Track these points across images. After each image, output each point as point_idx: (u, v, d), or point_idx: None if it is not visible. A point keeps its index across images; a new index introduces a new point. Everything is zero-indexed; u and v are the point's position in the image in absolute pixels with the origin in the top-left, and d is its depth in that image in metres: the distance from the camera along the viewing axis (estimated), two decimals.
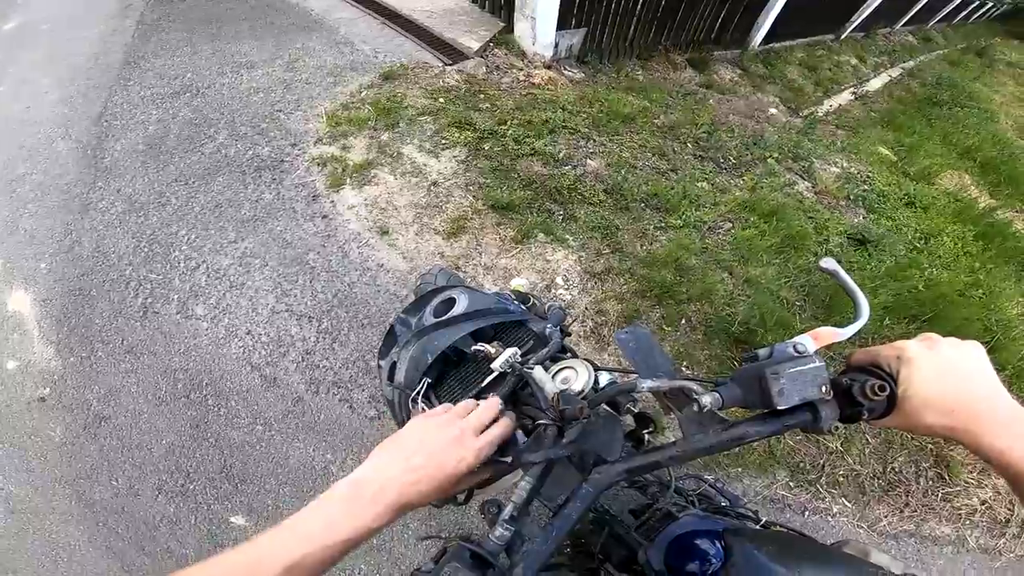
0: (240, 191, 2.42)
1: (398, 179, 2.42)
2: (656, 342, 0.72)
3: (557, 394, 0.57)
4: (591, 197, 2.42)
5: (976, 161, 4.31)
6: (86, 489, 1.66)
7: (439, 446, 0.51)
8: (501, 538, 0.48)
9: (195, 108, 2.93)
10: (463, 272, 2.06)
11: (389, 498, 0.47)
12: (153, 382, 1.83)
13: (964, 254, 3.13)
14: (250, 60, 3.35)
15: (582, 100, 3.08)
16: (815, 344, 0.52)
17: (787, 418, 0.47)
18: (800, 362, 0.47)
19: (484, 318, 0.76)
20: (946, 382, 0.46)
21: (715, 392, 0.49)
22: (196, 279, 2.09)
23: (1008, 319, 2.64)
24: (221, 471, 1.70)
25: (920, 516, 1.86)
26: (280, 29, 3.70)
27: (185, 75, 3.20)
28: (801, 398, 0.46)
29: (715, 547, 0.67)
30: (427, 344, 0.73)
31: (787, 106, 4.21)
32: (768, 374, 0.46)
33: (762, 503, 1.80)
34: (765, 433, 0.48)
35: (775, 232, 2.56)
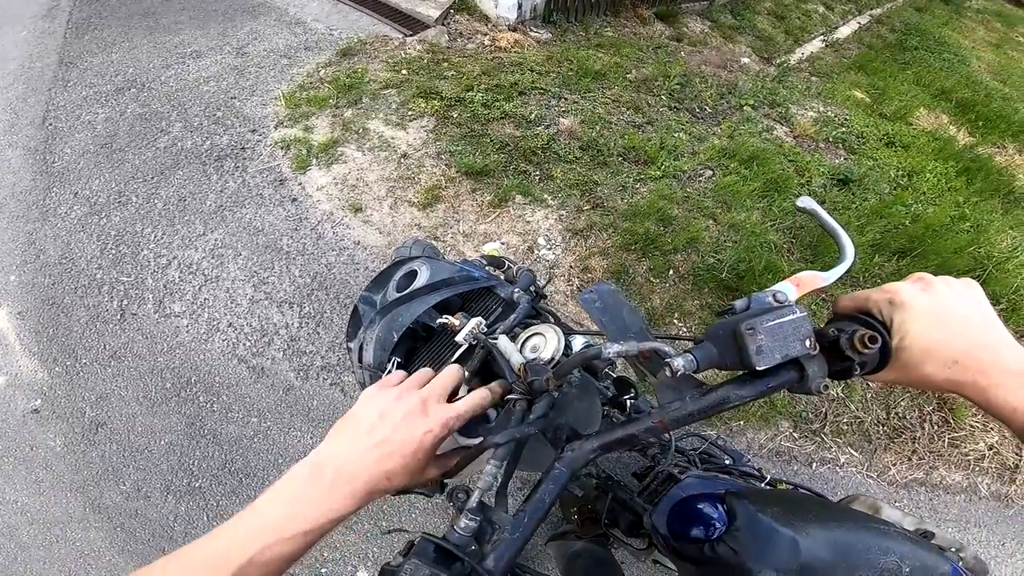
0: (203, 183, 2.39)
1: (366, 155, 2.41)
2: (625, 300, 0.67)
3: (524, 364, 0.53)
4: (567, 155, 2.44)
5: (952, 101, 4.40)
6: (96, 495, 1.69)
7: (400, 418, 0.47)
8: (467, 529, 0.44)
9: (143, 103, 2.88)
10: (442, 242, 2.08)
11: (352, 482, 0.43)
12: (142, 384, 1.84)
13: (948, 190, 3.20)
14: (195, 50, 3.29)
15: (551, 60, 3.09)
16: (797, 291, 0.50)
17: (770, 378, 0.44)
18: (779, 313, 0.43)
19: (448, 288, 0.73)
20: (946, 329, 0.42)
21: (688, 354, 0.44)
22: (169, 276, 2.08)
23: (998, 251, 2.71)
24: (224, 466, 1.72)
25: (929, 463, 1.89)
26: (224, 15, 3.63)
27: (127, 71, 3.12)
28: (783, 355, 0.42)
29: (718, 511, 0.66)
30: (391, 322, 0.70)
31: (759, 55, 4.26)
32: (744, 330, 0.42)
33: (768, 456, 1.83)
34: (747, 397, 0.45)
35: (757, 177, 2.61)
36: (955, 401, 2.02)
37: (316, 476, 0.43)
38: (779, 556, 0.55)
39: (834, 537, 0.56)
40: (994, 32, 7.46)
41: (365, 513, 1.62)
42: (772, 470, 1.78)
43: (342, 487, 0.42)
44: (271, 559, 0.39)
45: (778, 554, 0.55)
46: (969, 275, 2.36)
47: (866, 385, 2.01)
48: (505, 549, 0.43)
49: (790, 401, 1.92)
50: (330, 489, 0.42)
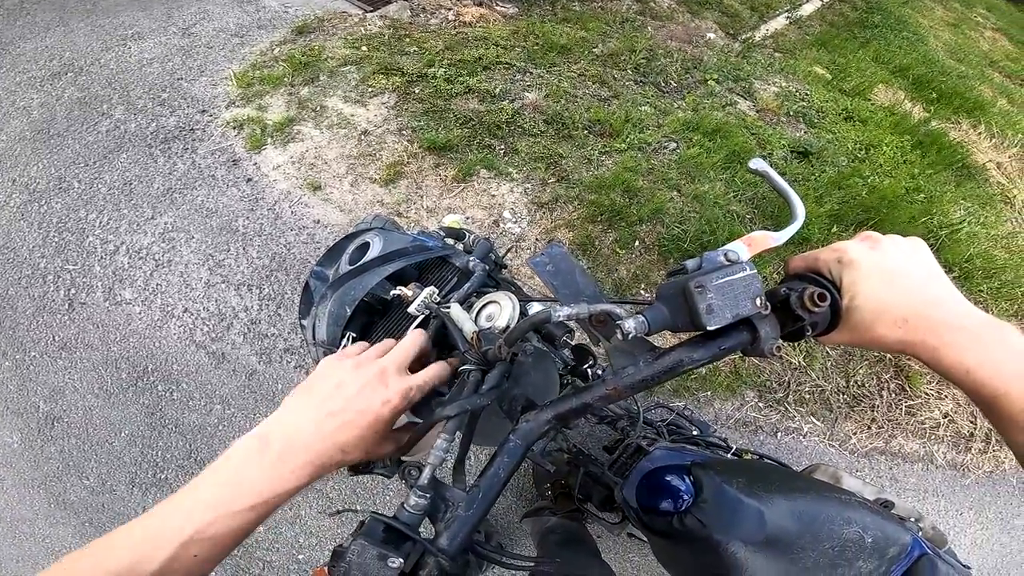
0: (149, 165, 2.31)
1: (324, 132, 2.36)
2: (576, 263, 0.66)
3: (476, 333, 0.52)
4: (532, 129, 2.45)
5: (909, 79, 4.59)
6: (60, 491, 1.66)
7: (357, 388, 0.45)
8: (417, 507, 0.43)
9: (81, 87, 2.76)
10: (405, 218, 2.06)
11: (302, 455, 0.41)
12: (96, 375, 1.79)
13: (904, 162, 3.33)
14: (137, 31, 3.15)
15: (516, 35, 3.08)
16: (749, 251, 0.49)
17: (722, 340, 0.44)
18: (729, 271, 0.42)
19: (402, 259, 0.71)
20: (895, 287, 0.42)
21: (640, 316, 0.43)
22: (118, 262, 2.01)
23: (951, 221, 2.85)
24: (189, 456, 1.70)
25: (888, 432, 1.97)
26: None
27: (63, 55, 2.98)
28: (734, 314, 0.41)
29: (685, 482, 0.68)
30: (343, 296, 0.69)
31: (725, 31, 4.34)
32: (693, 288, 0.41)
33: (735, 427, 1.88)
34: (701, 360, 0.45)
35: (719, 149, 2.67)
36: (911, 368, 2.10)
37: (263, 448, 0.41)
38: (746, 528, 0.57)
39: (798, 508, 0.57)
40: (952, 12, 7.77)
41: (340, 497, 1.62)
42: (740, 441, 1.85)
43: (291, 460, 0.41)
44: (217, 534, 0.37)
45: (745, 525, 0.57)
46: None
47: (826, 353, 2.08)
48: (460, 527, 0.42)
49: (755, 370, 1.98)
50: (278, 462, 0.40)
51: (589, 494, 1.09)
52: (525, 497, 1.68)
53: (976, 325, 0.39)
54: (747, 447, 1.34)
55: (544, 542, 1.33)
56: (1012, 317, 2.41)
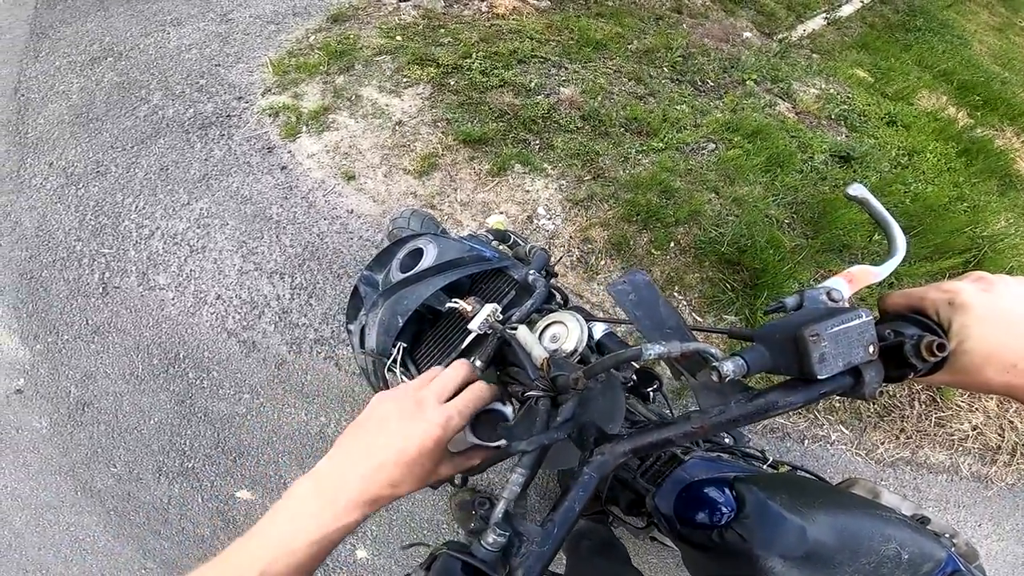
0: (186, 151, 2.33)
1: (359, 122, 2.34)
2: (659, 291, 0.63)
3: (546, 359, 0.51)
4: (568, 125, 2.40)
5: (953, 84, 4.42)
6: (87, 478, 1.66)
7: (398, 424, 0.47)
8: (495, 545, 0.42)
9: (120, 72, 2.79)
10: (439, 211, 2.03)
11: (352, 494, 0.43)
12: (128, 361, 1.79)
13: (947, 170, 3.21)
14: (176, 17, 3.18)
15: (550, 28, 3.02)
16: (850, 288, 0.47)
17: (824, 385, 0.41)
18: (844, 318, 0.40)
19: (457, 269, 0.68)
20: (1007, 332, 0.41)
21: (739, 357, 0.42)
22: (152, 247, 2.02)
23: (994, 231, 2.74)
24: (216, 446, 1.69)
25: (915, 442, 1.91)
26: None
27: (103, 39, 3.02)
28: (846, 363, 0.39)
29: (725, 496, 0.67)
30: (396, 305, 0.66)
31: (760, 30, 4.22)
32: (807, 336, 0.39)
33: (762, 433, 1.83)
34: (798, 403, 0.43)
35: (760, 152, 2.59)
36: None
37: (317, 489, 0.44)
38: (787, 543, 0.55)
39: (839, 523, 0.56)
40: (997, 16, 7.48)
41: None
42: (767, 448, 1.78)
43: (342, 499, 0.43)
44: (280, 571, 0.40)
45: (786, 541, 0.55)
46: (965, 255, 2.35)
47: None
48: (535, 562, 0.41)
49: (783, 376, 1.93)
50: (331, 503, 0.43)
51: (616, 497, 1.07)
52: (549, 498, 1.65)
53: None
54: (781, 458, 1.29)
55: (576, 548, 1.31)
56: None
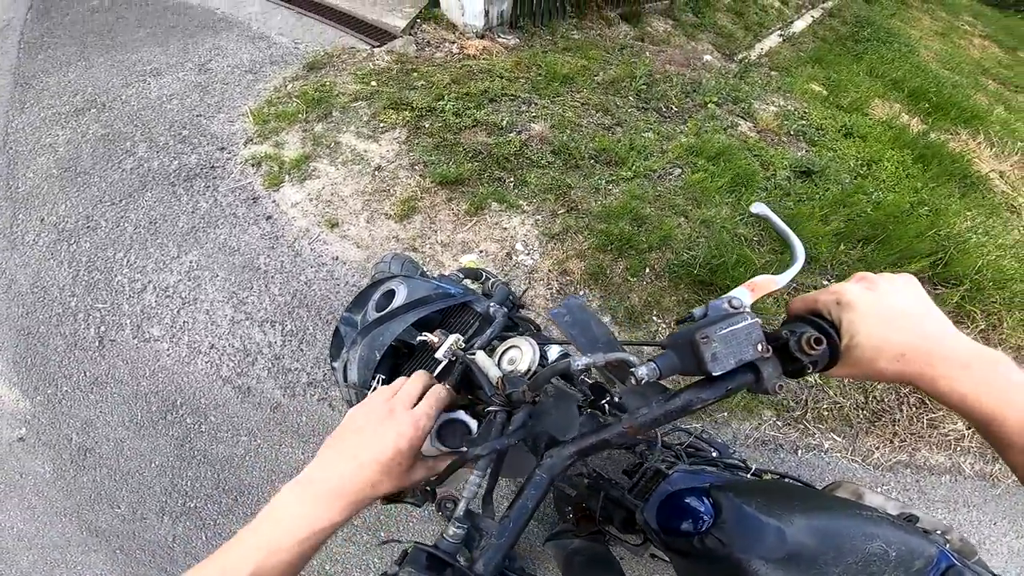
0: (173, 204, 2.38)
1: (339, 169, 2.43)
2: (592, 313, 0.72)
3: (501, 378, 0.57)
4: (540, 160, 2.50)
5: (904, 91, 4.60)
6: (92, 519, 1.69)
7: (371, 429, 0.52)
8: (456, 536, 0.48)
9: (105, 123, 2.85)
10: (421, 253, 2.11)
11: (336, 494, 0.47)
12: (127, 409, 1.84)
13: (906, 176, 3.32)
14: (155, 67, 3.26)
15: (519, 66, 3.14)
16: (752, 296, 0.52)
17: (728, 381, 0.47)
18: (732, 321, 0.45)
19: (426, 306, 0.76)
20: (891, 325, 0.45)
21: (651, 363, 0.47)
22: (145, 301, 2.07)
23: (957, 233, 2.81)
24: (217, 486, 1.73)
25: (911, 445, 1.94)
26: (184, 32, 3.60)
27: (85, 90, 3.08)
28: (737, 361, 0.45)
29: (704, 504, 0.69)
30: (372, 341, 0.73)
31: (721, 52, 4.41)
32: (698, 339, 0.44)
33: (754, 446, 1.88)
34: (709, 399, 0.48)
35: (724, 173, 2.71)
36: None
37: (303, 492, 0.48)
38: (766, 545, 0.57)
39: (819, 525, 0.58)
40: (939, 21, 7.85)
41: (363, 526, 1.65)
42: (760, 460, 1.85)
43: (327, 499, 0.47)
44: (272, 570, 0.43)
45: (765, 543, 0.57)
46: (931, 257, 2.42)
47: None
48: (493, 553, 0.46)
49: None
50: (315, 503, 0.47)
51: (610, 516, 1.10)
52: (546, 522, 1.69)
53: (968, 356, 0.42)
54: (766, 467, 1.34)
55: (569, 564, 1.33)
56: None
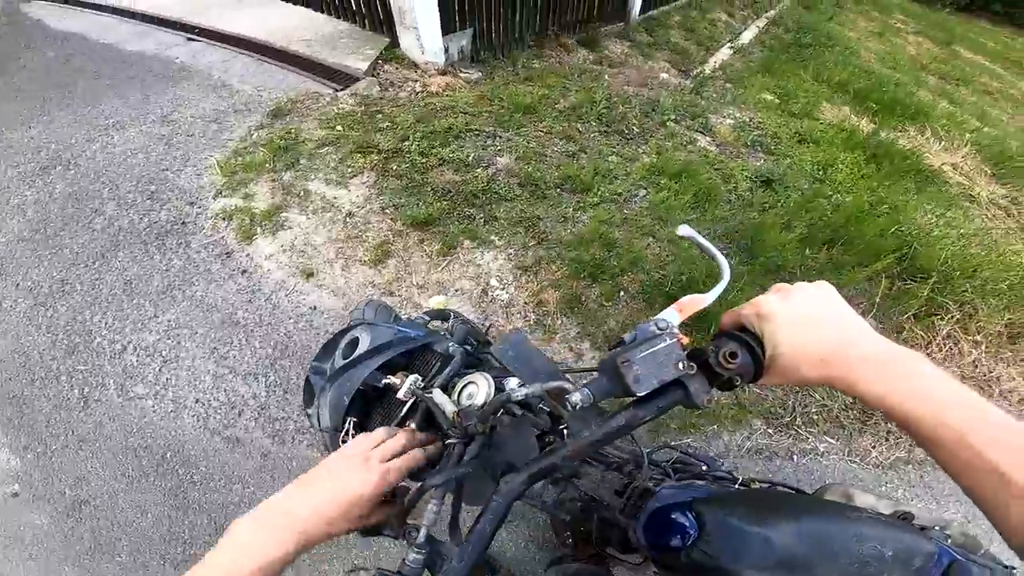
0: (146, 263, 2.38)
1: (311, 218, 2.45)
2: (534, 346, 0.76)
3: (456, 412, 0.60)
4: (507, 194, 2.56)
5: (850, 93, 4.81)
6: (93, 567, 1.68)
7: (342, 472, 0.54)
8: (415, 562, 0.51)
9: (71, 181, 2.83)
10: (397, 297, 2.14)
11: (292, 526, 0.49)
12: (117, 463, 1.85)
13: (861, 177, 3.45)
14: (117, 120, 3.25)
15: (482, 100, 3.23)
16: (681, 316, 0.54)
17: (660, 399, 0.49)
18: (652, 343, 0.48)
19: (388, 351, 0.80)
20: (810, 332, 0.46)
21: (585, 389, 0.50)
22: (126, 360, 2.07)
23: (919, 227, 2.92)
24: (215, 532, 1.73)
25: (908, 441, 1.94)
26: (144, 83, 3.60)
27: (49, 147, 3.07)
28: (659, 380, 0.47)
29: (688, 518, 0.69)
30: (340, 387, 0.77)
31: (677, 69, 4.58)
32: (619, 363, 0.47)
33: (748, 456, 1.90)
34: (643, 417, 0.50)
35: (686, 190, 2.81)
36: None
37: (259, 523, 0.50)
38: (753, 554, 0.58)
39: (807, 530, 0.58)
40: (874, 21, 8.27)
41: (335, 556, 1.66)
42: (757, 470, 1.88)
43: (282, 531, 0.49)
44: None
45: (752, 552, 0.58)
46: (896, 254, 2.51)
47: None
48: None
49: (758, 399, 2.02)
50: (271, 533, 0.48)
51: (608, 538, 1.10)
52: (547, 548, 1.70)
53: (884, 357, 0.44)
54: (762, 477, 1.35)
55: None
56: (1004, 311, 2.47)
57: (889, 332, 2.38)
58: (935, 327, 2.38)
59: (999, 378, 2.29)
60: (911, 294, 2.48)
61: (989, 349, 2.37)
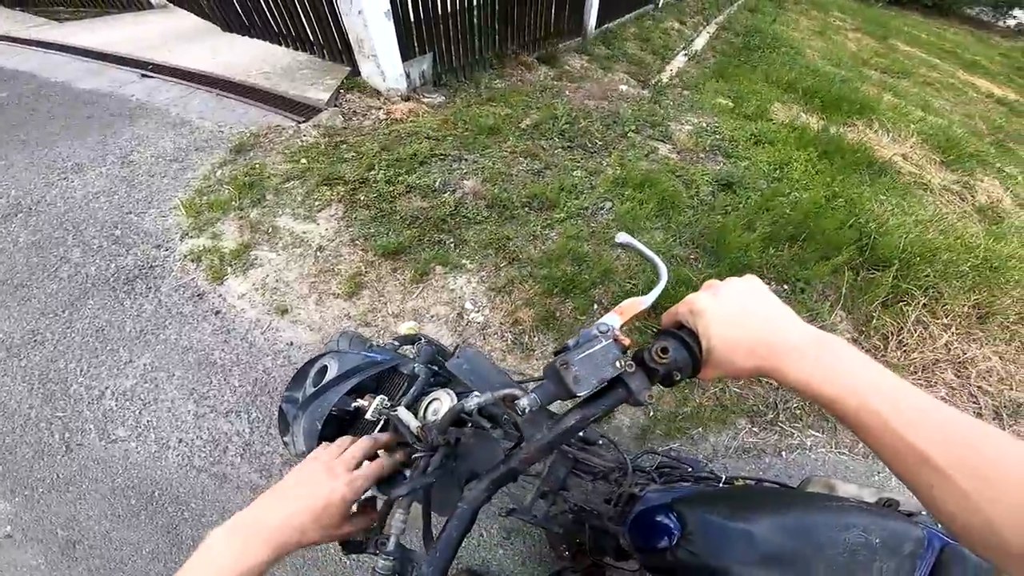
0: (117, 309, 2.35)
1: (281, 254, 2.46)
2: (487, 358, 0.80)
3: (420, 427, 0.63)
4: (476, 216, 2.61)
5: (799, 92, 5.04)
6: None
7: (311, 481, 0.56)
8: (385, 568, 0.53)
9: (34, 229, 2.77)
10: (373, 327, 2.16)
11: (264, 536, 0.51)
12: (107, 504, 1.83)
13: (816, 173, 3.60)
14: (76, 163, 3.21)
15: (446, 124, 3.28)
16: (622, 319, 0.56)
17: (604, 399, 0.52)
18: (588, 345, 0.51)
19: (356, 376, 0.83)
20: (737, 324, 0.48)
21: (532, 394, 0.51)
22: (105, 405, 2.05)
23: (876, 217, 3.06)
24: None
25: None
26: (101, 122, 3.56)
27: (9, 193, 3.00)
28: (598, 380, 0.49)
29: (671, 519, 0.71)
30: (312, 414, 0.80)
31: (635, 80, 4.73)
32: (559, 366, 0.49)
33: (736, 456, 1.94)
34: (591, 416, 0.52)
35: (650, 199, 2.90)
36: (887, 362, 2.22)
37: (233, 534, 0.51)
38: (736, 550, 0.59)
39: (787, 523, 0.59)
40: (814, 20, 8.69)
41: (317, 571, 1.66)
42: (747, 469, 1.91)
43: (255, 541, 0.50)
44: None
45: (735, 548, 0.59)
46: (856, 245, 2.62)
47: None
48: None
49: (739, 399, 2.08)
50: (245, 543, 0.50)
51: (603, 547, 1.13)
52: (546, 563, 1.73)
53: (807, 343, 0.45)
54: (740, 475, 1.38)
55: None
56: (969, 292, 2.57)
57: (859, 322, 2.49)
58: (904, 314, 2.47)
59: (974, 359, 2.38)
60: (876, 283, 2.57)
61: (960, 331, 2.46)
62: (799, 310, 2.42)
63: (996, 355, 2.42)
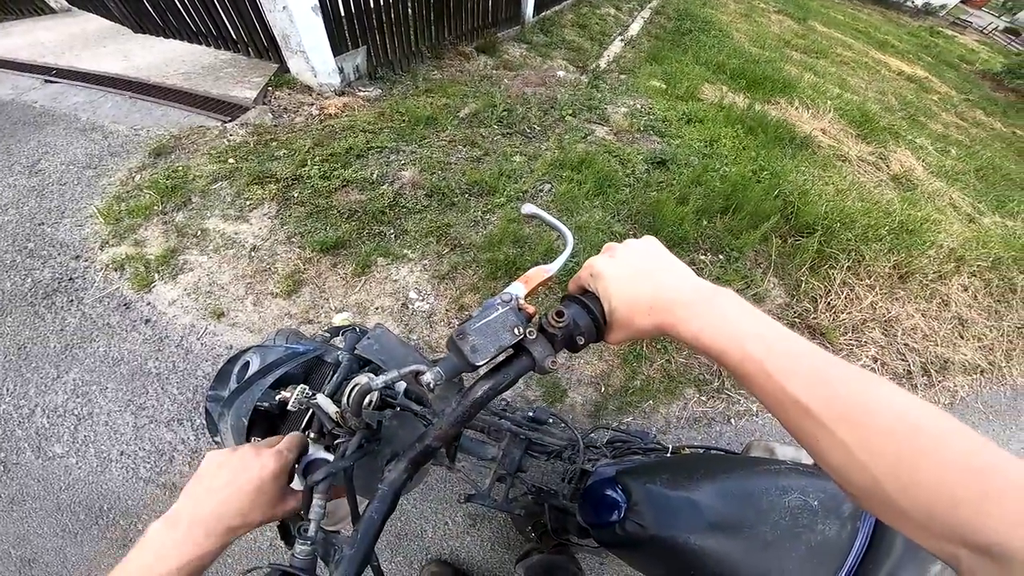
0: (38, 325, 2.21)
1: (212, 256, 2.37)
2: (395, 338, 0.80)
3: (339, 412, 0.64)
4: (415, 206, 2.61)
5: (727, 73, 5.32)
6: None
7: (237, 463, 0.56)
8: (303, 552, 0.53)
9: None
10: (316, 324, 2.13)
11: (208, 522, 0.50)
12: (55, 521, 1.77)
13: (742, 148, 3.83)
14: None
15: (382, 116, 3.25)
16: (527, 288, 0.56)
17: (509, 367, 0.51)
18: (485, 313, 0.50)
19: (279, 368, 0.84)
20: (635, 284, 0.48)
21: (436, 368, 0.50)
22: (37, 423, 1.95)
23: (799, 187, 3.28)
24: None
25: None
26: (3, 131, 3.29)
27: None
28: (496, 347, 0.48)
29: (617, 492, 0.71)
30: (237, 410, 0.80)
31: (574, 66, 4.82)
32: (455, 336, 0.49)
33: (687, 426, 2.00)
34: (499, 386, 0.51)
35: (588, 179, 3.00)
36: (821, 326, 2.36)
37: (174, 525, 0.50)
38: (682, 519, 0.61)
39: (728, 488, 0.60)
40: (741, 3, 9.12)
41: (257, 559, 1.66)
42: (698, 438, 1.98)
43: (199, 528, 0.50)
44: None
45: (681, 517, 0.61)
46: (781, 214, 2.84)
47: None
48: (348, 565, 0.50)
49: (685, 369, 2.16)
50: (187, 533, 0.49)
51: (565, 526, 1.15)
52: (514, 547, 1.76)
53: (698, 299, 0.45)
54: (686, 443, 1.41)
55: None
56: (889, 254, 2.73)
57: (790, 287, 2.67)
58: (830, 277, 2.67)
59: (898, 317, 2.56)
60: (802, 249, 2.77)
61: (883, 291, 2.66)
62: (734, 278, 2.61)
63: (919, 312, 2.64)
